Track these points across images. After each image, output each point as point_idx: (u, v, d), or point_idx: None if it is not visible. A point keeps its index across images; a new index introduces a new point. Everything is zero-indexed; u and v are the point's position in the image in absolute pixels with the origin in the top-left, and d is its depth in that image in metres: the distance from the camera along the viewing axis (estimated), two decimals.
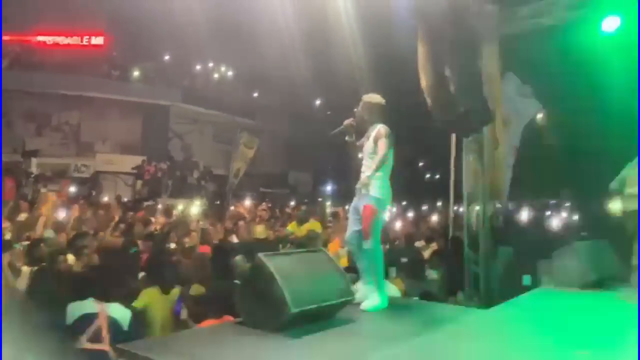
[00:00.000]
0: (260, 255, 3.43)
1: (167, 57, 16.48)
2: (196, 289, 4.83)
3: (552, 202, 16.64)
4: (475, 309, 4.78)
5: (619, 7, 6.01)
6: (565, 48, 7.04)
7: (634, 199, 5.04)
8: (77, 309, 3.73)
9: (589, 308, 4.42)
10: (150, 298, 4.74)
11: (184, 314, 4.48)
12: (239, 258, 5.23)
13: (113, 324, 3.72)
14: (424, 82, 6.87)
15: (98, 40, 15.03)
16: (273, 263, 3.39)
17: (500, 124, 7.33)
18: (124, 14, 13.18)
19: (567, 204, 16.24)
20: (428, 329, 3.48)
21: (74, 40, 15.09)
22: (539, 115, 10.47)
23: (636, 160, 5.17)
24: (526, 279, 6.60)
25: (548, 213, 15.70)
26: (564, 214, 15.28)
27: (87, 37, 15.11)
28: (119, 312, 3.82)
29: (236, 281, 4.26)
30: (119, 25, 13.97)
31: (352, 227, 4.04)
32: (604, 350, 3.08)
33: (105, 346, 3.60)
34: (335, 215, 8.57)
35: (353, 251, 4.12)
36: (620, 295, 4.82)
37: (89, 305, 3.75)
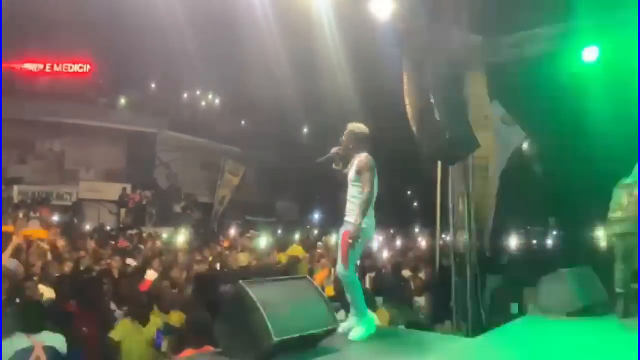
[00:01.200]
0: (242, 282, 3.33)
1: (153, 85, 16.50)
2: (176, 318, 4.68)
3: (538, 229, 16.71)
4: (462, 337, 4.67)
5: (597, 37, 6.16)
6: (548, 77, 7.18)
7: (617, 224, 5.04)
8: (9, 346, 3.60)
9: (574, 335, 4.37)
10: (127, 329, 4.59)
11: (164, 346, 4.33)
12: (226, 288, 5.10)
13: (50, 352, 3.66)
14: (409, 110, 6.93)
15: (84, 68, 14.98)
16: (254, 290, 3.29)
17: (491, 150, 7.38)
18: (110, 42, 13.23)
19: (554, 232, 16.33)
20: (412, 357, 3.39)
21: (60, 67, 15.03)
22: (524, 145, 10.61)
23: (620, 183, 5.19)
24: (514, 307, 6.54)
25: (534, 241, 15.76)
26: (550, 242, 15.35)
27: (72, 64, 15.03)
28: (53, 339, 3.76)
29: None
30: (105, 53, 13.99)
31: (338, 257, 4.02)
32: None
33: None
34: (325, 243, 8.43)
35: (342, 281, 4.04)
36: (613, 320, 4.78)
37: (20, 340, 3.65)
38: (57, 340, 3.79)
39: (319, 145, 18.57)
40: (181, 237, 11.28)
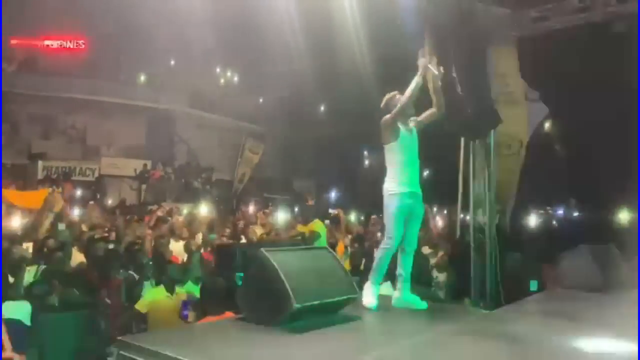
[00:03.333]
0: (263, 250, 3.38)
1: (173, 62, 16.51)
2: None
3: (560, 209, 16.50)
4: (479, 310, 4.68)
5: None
6: (576, 52, 6.99)
7: None
8: None
9: (591, 309, 4.34)
10: (154, 298, 4.69)
11: (191, 317, 4.39)
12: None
13: (12, 325, 3.52)
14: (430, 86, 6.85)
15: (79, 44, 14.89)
16: (276, 258, 3.33)
17: (517, 127, 7.24)
18: (130, 19, 13.24)
19: (575, 213, 16.11)
20: (430, 327, 3.42)
21: (77, 44, 15.09)
22: (547, 124, 10.41)
23: None
24: (533, 284, 6.51)
25: (555, 222, 15.58)
26: (571, 222, 15.15)
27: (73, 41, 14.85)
28: (14, 310, 3.64)
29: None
30: (125, 30, 14.04)
31: None
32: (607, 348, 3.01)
33: (9, 353, 3.42)
34: (335, 218, 8.43)
35: None
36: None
37: None
38: (20, 309, 3.67)
39: (336, 122, 18.52)
40: (202, 212, 11.42)
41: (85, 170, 15.86)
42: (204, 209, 11.31)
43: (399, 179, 3.86)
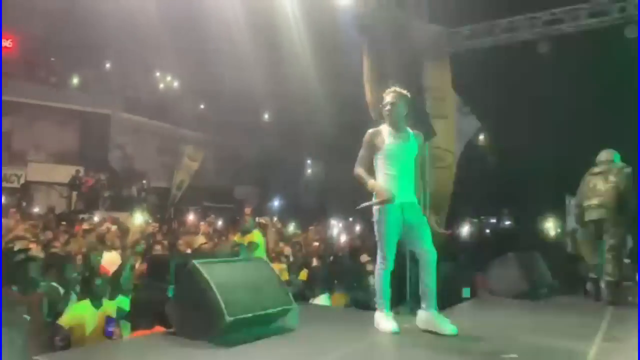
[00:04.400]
0: (195, 262, 3.29)
1: (108, 65, 15.87)
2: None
3: (492, 219, 17.26)
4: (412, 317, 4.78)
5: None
6: (505, 67, 7.38)
7: (594, 210, 5.27)
8: None
9: (513, 315, 4.59)
10: (79, 313, 4.45)
11: (117, 334, 4.16)
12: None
13: None
14: (368, 96, 7.00)
15: (7, 43, 14.08)
16: (208, 270, 3.26)
17: (449, 140, 7.52)
18: (63, 18, 12.63)
19: (507, 222, 16.91)
20: (363, 337, 3.47)
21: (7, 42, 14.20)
22: (481, 136, 10.87)
23: (591, 171, 5.43)
24: (466, 292, 6.76)
25: (487, 230, 16.29)
26: (503, 232, 15.89)
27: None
28: None
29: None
30: (58, 30, 13.38)
31: None
32: (532, 354, 3.18)
33: None
34: (262, 226, 8.34)
35: None
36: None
37: None
38: None
39: (280, 131, 18.48)
40: (137, 221, 11.04)
41: (10, 176, 14.89)
42: (139, 218, 10.92)
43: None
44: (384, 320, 3.60)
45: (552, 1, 6.97)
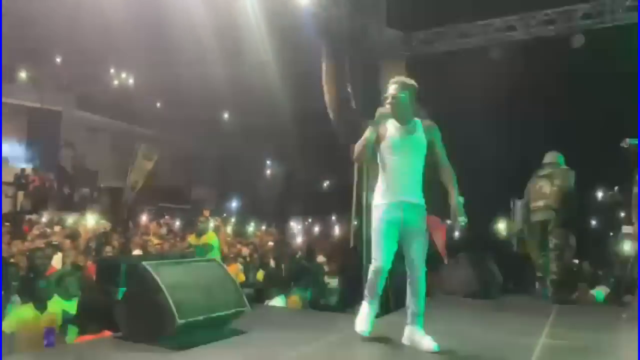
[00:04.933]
0: (145, 263, 3.21)
1: (59, 60, 15.24)
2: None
3: (448, 221, 17.60)
4: None
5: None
6: (456, 73, 7.56)
7: (541, 211, 5.49)
8: None
9: (470, 313, 4.72)
10: (21, 317, 4.26)
11: (65, 339, 3.97)
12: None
13: None
14: (327, 98, 7.02)
15: None
16: (159, 271, 3.18)
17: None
18: (9, 8, 12.05)
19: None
20: (317, 338, 3.47)
21: None
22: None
23: (537, 174, 5.64)
24: None
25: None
26: (457, 233, 16.29)
27: None
28: None
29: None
30: (4, 20, 12.76)
31: None
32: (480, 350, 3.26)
33: None
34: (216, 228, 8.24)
35: None
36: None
37: None
38: None
39: (239, 130, 18.25)
40: (88, 222, 10.68)
41: None
42: (91, 219, 10.56)
43: (384, 187, 3.29)
44: (360, 316, 3.47)
45: (506, 8, 7.19)
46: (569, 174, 5.45)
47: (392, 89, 3.30)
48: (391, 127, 3.28)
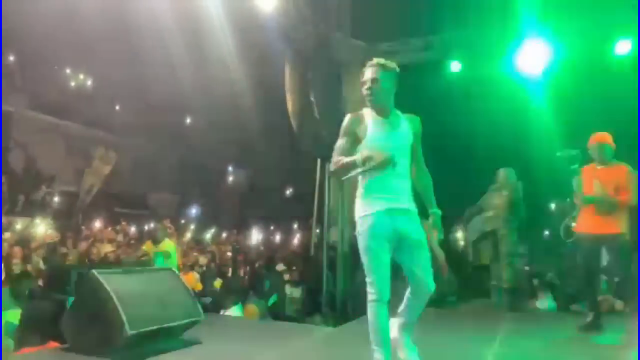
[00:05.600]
0: (95, 272, 3.09)
1: (12, 58, 14.67)
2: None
3: None
4: (326, 327, 4.82)
5: (460, 51, 6.76)
6: (417, 86, 7.69)
7: (489, 221, 5.74)
8: None
9: (424, 322, 4.76)
10: None
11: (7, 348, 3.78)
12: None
13: None
14: (290, 106, 7.02)
15: None
16: (110, 280, 3.08)
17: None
18: None
19: None
20: (273, 348, 3.43)
21: None
22: None
23: (490, 187, 5.91)
24: None
25: None
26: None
27: None
28: None
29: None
30: None
31: None
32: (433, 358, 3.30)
33: None
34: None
35: None
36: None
37: None
38: None
39: (201, 136, 17.98)
40: (39, 228, 10.25)
41: None
42: (42, 224, 10.14)
43: (368, 195, 2.71)
44: None
45: (471, 22, 7.36)
46: (517, 186, 5.76)
47: (370, 72, 2.77)
48: (371, 122, 2.76)
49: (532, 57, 5.99)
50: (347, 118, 2.83)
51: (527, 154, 7.67)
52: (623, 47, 5.77)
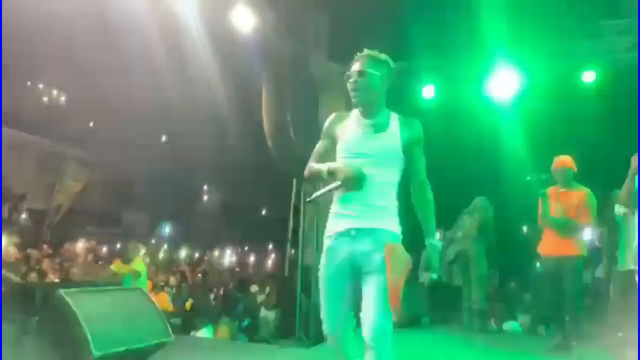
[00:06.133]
0: (61, 291, 3.01)
1: None
2: None
3: None
4: (300, 348, 4.76)
5: (433, 76, 6.92)
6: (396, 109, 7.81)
7: (458, 242, 5.84)
8: None
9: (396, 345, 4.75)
10: None
11: None
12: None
13: None
14: (266, 125, 7.04)
15: None
16: (76, 300, 3.00)
17: None
18: None
19: None
20: None
21: None
22: None
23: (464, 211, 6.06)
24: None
25: None
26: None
27: None
28: None
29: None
30: None
31: None
32: None
33: None
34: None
35: None
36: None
37: None
38: None
39: (176, 154, 17.82)
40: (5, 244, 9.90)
41: None
42: (7, 242, 9.81)
43: (335, 210, 2.32)
44: None
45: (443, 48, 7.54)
46: (488, 209, 5.91)
47: (357, 64, 2.37)
48: (351, 122, 2.36)
49: (503, 84, 6.17)
50: (329, 118, 2.48)
51: (499, 178, 7.84)
52: (589, 76, 6.00)
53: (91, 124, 17.05)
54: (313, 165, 2.39)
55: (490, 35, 6.09)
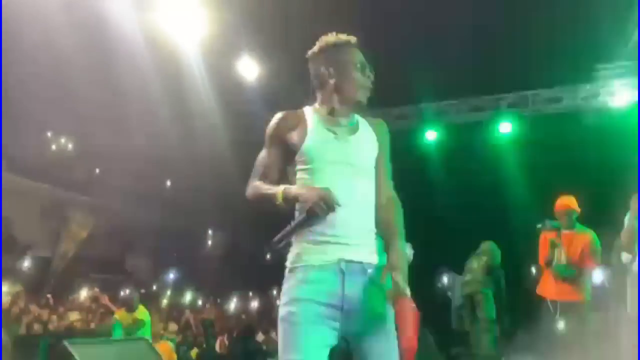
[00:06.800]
0: (66, 343, 2.98)
1: None
2: None
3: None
4: None
5: (435, 123, 7.07)
6: (393, 155, 7.92)
7: (467, 285, 5.82)
8: None
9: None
10: None
11: None
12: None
13: None
14: None
15: None
16: (81, 352, 2.95)
17: None
18: None
19: None
20: None
21: None
22: None
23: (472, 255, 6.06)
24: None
25: None
26: None
27: None
28: None
29: None
30: None
31: None
32: None
33: None
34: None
35: None
36: None
37: None
38: None
39: (181, 199, 17.96)
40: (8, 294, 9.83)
41: None
42: (10, 291, 9.76)
43: (305, 237, 1.73)
44: None
45: (439, 95, 7.70)
46: (495, 252, 5.89)
47: (362, 56, 1.91)
48: (314, 122, 1.83)
49: (506, 127, 6.27)
50: (274, 119, 1.87)
51: (506, 222, 7.84)
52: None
53: (97, 171, 17.26)
54: (259, 186, 1.81)
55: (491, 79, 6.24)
